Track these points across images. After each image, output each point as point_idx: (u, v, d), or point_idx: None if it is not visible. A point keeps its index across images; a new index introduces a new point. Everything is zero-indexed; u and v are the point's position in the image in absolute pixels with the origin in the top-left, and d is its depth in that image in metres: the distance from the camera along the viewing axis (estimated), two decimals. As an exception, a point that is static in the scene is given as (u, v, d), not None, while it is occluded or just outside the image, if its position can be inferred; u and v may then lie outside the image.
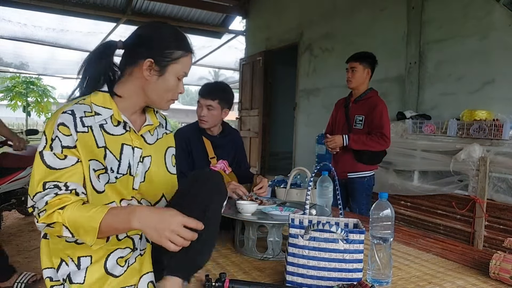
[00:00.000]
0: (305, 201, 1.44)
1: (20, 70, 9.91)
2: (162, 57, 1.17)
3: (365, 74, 2.75)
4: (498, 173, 2.75)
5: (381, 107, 2.67)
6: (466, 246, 1.95)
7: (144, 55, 1.16)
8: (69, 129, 1.08)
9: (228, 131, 2.29)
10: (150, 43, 1.18)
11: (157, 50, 1.17)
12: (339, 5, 4.98)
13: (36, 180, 1.04)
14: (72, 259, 1.12)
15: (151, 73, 1.18)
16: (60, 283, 1.13)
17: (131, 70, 1.20)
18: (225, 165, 2.17)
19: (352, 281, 1.24)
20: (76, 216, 1.01)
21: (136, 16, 6.92)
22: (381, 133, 2.63)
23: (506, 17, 3.16)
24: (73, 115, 1.10)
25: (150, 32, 1.21)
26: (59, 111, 1.12)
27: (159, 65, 1.17)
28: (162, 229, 1.00)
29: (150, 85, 1.19)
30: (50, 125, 1.09)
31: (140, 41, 1.19)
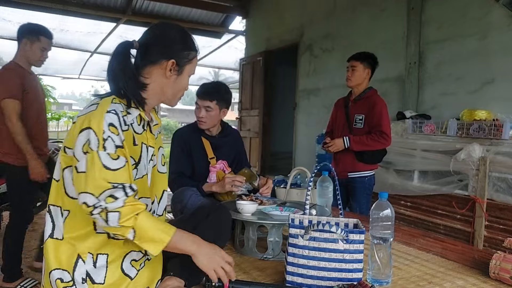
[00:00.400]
0: (305, 201, 1.45)
1: (20, 70, 9.89)
2: (182, 58, 1.25)
3: (365, 74, 2.76)
4: (498, 172, 2.76)
5: (380, 105, 2.68)
6: (466, 246, 1.95)
7: (167, 55, 1.22)
8: (117, 129, 1.10)
9: (228, 131, 2.28)
10: (173, 44, 1.24)
11: (179, 51, 1.25)
12: (340, 5, 4.98)
13: (99, 178, 1.04)
14: (92, 255, 1.12)
15: (171, 73, 1.24)
16: (71, 284, 1.11)
17: (151, 69, 1.23)
18: (224, 165, 2.17)
19: (352, 281, 1.24)
20: (148, 225, 1.08)
21: (136, 16, 6.92)
22: (380, 131, 2.64)
23: (506, 17, 3.16)
24: (117, 114, 1.12)
25: (170, 33, 1.26)
26: (103, 109, 1.10)
27: (179, 65, 1.25)
28: (213, 260, 1.15)
29: (169, 84, 1.25)
30: (96, 123, 1.07)
31: (161, 42, 1.24)
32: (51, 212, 1.16)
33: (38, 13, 6.63)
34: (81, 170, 1.06)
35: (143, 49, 1.24)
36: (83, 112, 1.13)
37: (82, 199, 1.04)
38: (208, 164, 2.15)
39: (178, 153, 2.14)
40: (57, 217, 1.16)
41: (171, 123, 22.97)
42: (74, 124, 1.12)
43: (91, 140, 1.06)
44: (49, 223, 1.16)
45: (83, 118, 1.10)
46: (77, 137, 1.08)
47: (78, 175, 1.06)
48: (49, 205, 1.18)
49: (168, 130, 20.10)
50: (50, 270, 1.12)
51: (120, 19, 6.92)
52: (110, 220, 1.04)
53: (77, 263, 1.12)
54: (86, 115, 1.10)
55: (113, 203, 1.04)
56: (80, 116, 1.12)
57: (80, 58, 8.86)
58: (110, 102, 1.14)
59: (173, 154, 2.16)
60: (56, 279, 1.11)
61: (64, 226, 1.14)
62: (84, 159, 1.06)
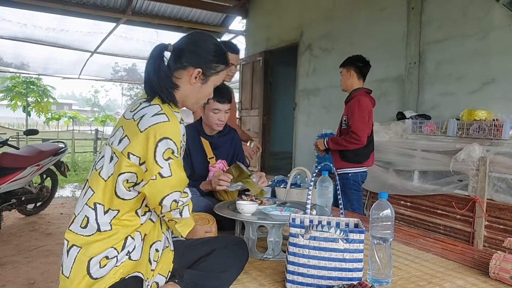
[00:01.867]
0: (306, 201, 1.45)
1: (20, 70, 9.91)
2: (209, 69, 1.33)
3: (349, 75, 2.97)
4: (498, 173, 2.75)
5: (353, 107, 2.88)
6: (466, 246, 1.95)
7: (196, 63, 1.30)
8: (185, 137, 1.27)
9: (226, 131, 2.29)
10: (203, 54, 1.32)
11: (207, 62, 1.32)
12: (339, 5, 4.98)
13: (179, 179, 1.21)
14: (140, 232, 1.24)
15: (196, 80, 1.32)
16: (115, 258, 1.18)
17: (180, 74, 1.31)
18: (224, 165, 2.17)
19: (352, 280, 1.24)
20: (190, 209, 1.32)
21: (136, 16, 6.93)
22: (351, 132, 2.86)
23: (506, 17, 3.16)
24: (182, 123, 1.25)
25: (204, 42, 1.34)
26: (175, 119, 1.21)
27: (205, 75, 1.33)
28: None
29: (193, 90, 1.33)
30: (174, 134, 1.19)
31: (194, 49, 1.31)
32: (96, 209, 1.20)
33: (38, 13, 6.64)
34: (167, 175, 1.18)
35: (176, 52, 1.31)
36: (150, 122, 1.18)
37: (172, 198, 1.20)
38: (207, 164, 2.16)
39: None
40: (101, 214, 1.20)
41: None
42: (144, 133, 1.17)
43: (172, 148, 1.19)
44: (93, 219, 1.19)
45: (155, 128, 1.17)
46: (155, 147, 1.16)
47: (165, 180, 1.18)
48: (95, 203, 1.20)
49: (168, 130, 20.07)
50: (97, 254, 1.17)
51: (120, 19, 6.93)
52: (184, 212, 1.28)
53: (126, 240, 1.21)
54: (159, 125, 1.18)
55: (186, 198, 1.28)
56: (152, 126, 1.17)
57: (80, 58, 8.87)
58: (172, 111, 1.24)
59: None
60: (102, 258, 1.17)
61: (113, 220, 1.20)
62: (167, 164, 1.18)
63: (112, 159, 1.21)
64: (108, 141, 1.26)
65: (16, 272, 2.93)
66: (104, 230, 1.19)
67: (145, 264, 1.24)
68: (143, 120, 1.19)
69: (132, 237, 1.22)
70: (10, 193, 4.02)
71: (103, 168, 1.22)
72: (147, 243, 1.25)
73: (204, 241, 1.45)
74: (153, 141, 1.16)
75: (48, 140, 7.10)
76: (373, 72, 3.08)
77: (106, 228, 1.19)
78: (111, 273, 1.17)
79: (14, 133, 11.13)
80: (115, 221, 1.20)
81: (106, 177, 1.21)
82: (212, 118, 2.13)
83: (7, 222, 4.29)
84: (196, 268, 1.32)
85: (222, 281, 1.32)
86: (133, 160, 1.17)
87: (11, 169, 3.82)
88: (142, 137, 1.17)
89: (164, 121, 1.19)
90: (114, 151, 1.21)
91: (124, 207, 1.21)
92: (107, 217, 1.20)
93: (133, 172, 1.18)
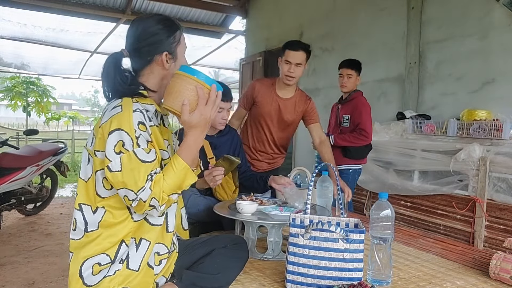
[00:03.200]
0: (306, 201, 1.44)
1: (20, 70, 9.91)
2: (170, 45, 1.29)
3: (357, 81, 3.13)
4: (498, 173, 2.75)
5: (360, 106, 3.02)
6: (466, 246, 1.95)
7: (158, 50, 1.27)
8: (145, 126, 1.18)
9: (226, 131, 2.28)
10: (157, 38, 1.27)
11: (165, 41, 1.28)
12: (339, 5, 4.98)
13: (141, 176, 1.11)
14: (134, 239, 1.20)
15: (169, 63, 1.29)
16: (109, 265, 1.16)
17: (150, 68, 1.29)
18: (224, 165, 2.17)
19: (352, 280, 1.24)
20: (170, 183, 1.15)
21: (136, 16, 6.90)
22: (360, 129, 2.97)
23: (506, 17, 3.16)
24: (142, 112, 1.19)
25: (149, 27, 1.28)
26: (129, 109, 1.16)
27: (171, 52, 1.29)
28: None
29: (170, 72, 1.30)
30: (126, 124, 1.13)
31: (146, 41, 1.27)
32: (83, 210, 1.20)
33: (38, 13, 6.63)
34: (115, 170, 1.11)
35: (133, 53, 1.29)
36: (108, 116, 1.17)
37: (123, 194, 1.13)
38: (207, 164, 2.15)
39: None
40: (89, 215, 1.19)
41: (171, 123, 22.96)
42: (101, 127, 1.16)
43: (124, 140, 1.12)
44: (81, 220, 1.19)
45: (110, 120, 1.15)
46: (107, 139, 1.13)
47: (113, 174, 1.11)
48: (80, 203, 1.21)
49: (168, 130, 20.08)
50: (87, 258, 1.16)
51: (120, 19, 6.92)
52: (156, 206, 1.13)
53: (120, 246, 1.18)
54: (113, 117, 1.15)
55: (145, 194, 1.11)
56: (107, 120, 1.16)
57: (80, 58, 8.87)
58: (132, 102, 1.19)
59: None
60: (94, 264, 1.16)
61: (102, 221, 1.18)
62: (118, 158, 1.12)
63: (89, 160, 1.22)
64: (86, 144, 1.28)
65: (15, 273, 2.92)
66: (91, 230, 1.18)
67: (147, 277, 1.21)
68: (104, 115, 1.20)
69: (127, 244, 1.19)
70: (10, 193, 4.02)
71: (81, 171, 1.24)
72: (149, 252, 1.21)
73: (204, 241, 1.44)
74: (106, 133, 1.14)
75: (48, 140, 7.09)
76: (373, 72, 3.09)
77: (93, 228, 1.18)
78: (105, 282, 1.15)
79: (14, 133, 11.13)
80: (104, 221, 1.18)
81: (86, 178, 1.22)
82: (216, 117, 2.13)
83: (7, 222, 4.29)
84: (195, 269, 1.31)
85: (221, 282, 1.31)
86: (99, 156, 1.17)
87: (11, 169, 3.82)
88: (100, 133, 1.17)
89: (117, 112, 1.16)
90: (89, 152, 1.22)
91: (110, 204, 1.19)
92: (96, 217, 1.19)
93: (103, 168, 1.16)
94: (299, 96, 2.66)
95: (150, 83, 1.29)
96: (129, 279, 1.17)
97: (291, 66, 2.45)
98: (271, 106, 2.60)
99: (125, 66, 1.30)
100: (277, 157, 2.81)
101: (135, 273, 1.18)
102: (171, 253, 1.30)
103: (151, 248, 1.21)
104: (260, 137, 2.70)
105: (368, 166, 3.44)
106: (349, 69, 3.08)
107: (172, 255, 1.31)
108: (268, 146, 2.72)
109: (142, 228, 1.22)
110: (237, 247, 1.42)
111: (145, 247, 1.20)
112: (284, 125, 2.67)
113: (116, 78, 1.24)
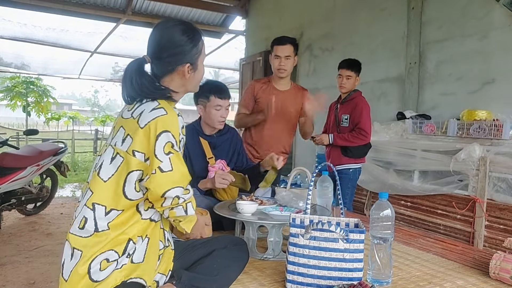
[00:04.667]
0: (306, 201, 1.45)
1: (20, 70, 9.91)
2: (193, 56, 1.32)
3: (356, 81, 3.09)
4: (498, 173, 2.75)
5: (360, 106, 3.00)
6: (466, 246, 1.95)
7: (180, 62, 1.30)
8: (184, 130, 1.26)
9: (226, 130, 2.28)
10: (181, 49, 1.29)
11: (189, 52, 1.31)
12: (339, 5, 4.98)
13: (181, 174, 1.18)
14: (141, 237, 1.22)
15: (189, 73, 1.33)
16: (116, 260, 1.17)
17: (171, 77, 1.31)
18: (223, 165, 2.16)
19: (352, 280, 1.24)
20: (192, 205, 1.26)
21: (136, 16, 6.92)
22: (359, 128, 2.96)
23: (506, 17, 3.16)
24: (181, 116, 1.25)
25: (174, 36, 1.29)
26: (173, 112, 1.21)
27: (193, 63, 1.32)
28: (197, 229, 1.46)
29: (189, 81, 1.34)
30: (173, 126, 1.19)
31: (171, 50, 1.28)
32: (95, 210, 1.18)
33: (38, 13, 6.63)
34: (167, 170, 1.15)
35: (156, 62, 1.31)
36: (150, 117, 1.18)
37: (174, 194, 1.16)
38: (206, 164, 2.15)
39: None
40: (101, 215, 1.18)
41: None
42: (144, 129, 1.17)
43: (172, 142, 1.18)
44: (91, 220, 1.18)
45: (155, 122, 1.17)
46: (156, 141, 1.16)
47: (165, 174, 1.15)
48: (94, 203, 1.19)
49: (168, 130, 20.04)
50: (97, 255, 1.15)
51: (120, 19, 6.93)
52: (189, 210, 1.23)
53: (128, 243, 1.19)
54: (158, 119, 1.18)
55: (188, 194, 1.22)
56: (151, 121, 1.17)
57: (80, 58, 8.87)
58: (171, 105, 1.24)
59: None
60: (103, 260, 1.16)
61: (112, 222, 1.18)
62: (168, 159, 1.16)
63: (113, 160, 1.21)
64: (109, 143, 1.25)
65: (16, 272, 2.92)
66: (102, 231, 1.17)
67: (149, 267, 1.22)
68: (142, 116, 1.20)
69: (134, 242, 1.20)
70: (10, 193, 4.02)
71: (102, 170, 1.21)
72: (150, 246, 1.23)
73: (204, 242, 1.44)
74: (154, 134, 1.16)
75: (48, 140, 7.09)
76: (373, 72, 3.09)
77: (104, 228, 1.17)
78: (112, 276, 1.16)
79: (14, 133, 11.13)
80: (115, 221, 1.18)
81: (105, 178, 1.20)
82: (215, 116, 2.13)
83: (7, 222, 4.29)
84: (194, 269, 1.31)
85: (220, 283, 1.32)
86: (139, 157, 1.17)
87: (11, 169, 3.82)
88: (142, 133, 1.17)
89: (162, 114, 1.19)
90: (118, 151, 1.21)
91: (129, 207, 1.20)
92: (108, 218, 1.18)
93: (141, 170, 1.18)
94: (296, 88, 2.87)
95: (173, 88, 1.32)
96: (136, 271, 1.19)
97: (281, 60, 2.70)
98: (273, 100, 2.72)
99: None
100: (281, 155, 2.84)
101: (140, 264, 1.20)
102: (166, 248, 1.31)
103: (152, 243, 1.24)
104: (264, 134, 2.77)
105: (368, 166, 3.44)
106: (348, 70, 3.05)
107: (166, 251, 1.31)
108: (273, 142, 2.78)
109: (148, 226, 1.24)
110: (237, 248, 1.43)
111: (146, 241, 1.23)
112: (287, 117, 2.79)
113: (143, 82, 1.24)
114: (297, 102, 2.77)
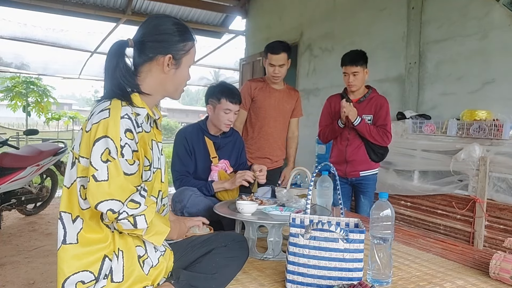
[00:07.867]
0: (306, 201, 1.44)
1: (20, 70, 9.91)
2: (178, 51, 1.24)
3: (365, 74, 2.75)
4: (498, 173, 2.75)
5: (386, 106, 2.76)
6: (466, 246, 1.95)
7: (162, 51, 1.22)
8: (132, 133, 1.12)
9: (230, 132, 2.31)
10: (166, 38, 1.23)
11: (174, 45, 1.23)
12: (339, 5, 4.98)
13: (118, 186, 1.06)
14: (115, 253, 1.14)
15: (169, 67, 1.24)
16: (94, 283, 1.11)
17: (150, 66, 1.24)
18: (226, 165, 2.18)
19: (352, 280, 1.24)
20: (155, 221, 1.15)
21: (136, 16, 6.92)
22: (385, 129, 2.72)
23: (506, 17, 3.16)
24: (130, 118, 1.13)
25: (164, 26, 1.25)
26: (116, 114, 1.10)
27: (176, 58, 1.24)
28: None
29: (168, 78, 1.26)
30: (112, 130, 1.07)
31: (156, 37, 1.23)
32: (62, 219, 1.14)
33: (38, 13, 6.63)
34: (102, 179, 1.05)
35: (138, 46, 1.24)
36: (95, 120, 1.10)
37: (107, 207, 1.04)
38: (210, 163, 2.17)
39: (183, 152, 2.16)
40: (69, 224, 1.14)
41: (171, 123, 22.96)
42: (88, 133, 1.09)
43: (110, 148, 1.06)
44: (61, 229, 1.14)
45: (96, 126, 1.08)
46: (93, 146, 1.07)
47: (98, 184, 1.04)
48: (61, 212, 1.15)
49: (168, 130, 20.09)
50: (69, 275, 1.10)
51: (120, 19, 6.93)
52: (139, 223, 1.08)
53: (104, 261, 1.12)
54: (100, 122, 1.09)
55: (137, 208, 1.08)
56: (94, 124, 1.09)
57: (80, 58, 8.87)
58: (120, 106, 1.13)
59: (177, 153, 2.17)
60: (77, 282, 1.10)
61: (81, 232, 1.13)
62: (105, 167, 1.05)
63: (73, 165, 1.15)
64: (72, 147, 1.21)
65: (16, 272, 2.92)
66: (69, 243, 1.11)
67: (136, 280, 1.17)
68: (92, 117, 1.13)
69: (110, 259, 1.13)
70: (10, 193, 4.02)
71: (65, 176, 1.18)
72: (127, 259, 1.15)
73: (204, 240, 1.44)
74: (93, 139, 1.07)
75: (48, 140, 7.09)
76: (373, 72, 3.07)
77: (72, 240, 1.11)
78: None
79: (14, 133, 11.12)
80: (83, 232, 1.12)
81: (68, 184, 1.16)
82: (223, 118, 2.15)
83: (7, 222, 4.29)
84: (192, 268, 1.30)
85: (219, 281, 1.31)
86: (83, 163, 1.10)
87: (11, 169, 3.82)
88: (86, 137, 1.10)
89: (104, 118, 1.09)
90: (75, 155, 1.15)
91: (92, 215, 1.13)
92: (75, 227, 1.13)
93: (85, 176, 1.10)
94: (288, 88, 3.00)
95: (146, 84, 1.24)
96: None
97: (275, 68, 2.74)
98: (270, 98, 2.84)
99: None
100: (279, 153, 2.94)
101: (121, 283, 1.13)
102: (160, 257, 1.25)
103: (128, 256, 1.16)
104: (262, 132, 2.85)
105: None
106: (353, 66, 2.66)
107: (165, 254, 1.27)
108: (272, 139, 2.86)
109: (119, 237, 1.16)
110: (237, 246, 1.42)
111: (121, 256, 1.15)
112: (284, 114, 2.91)
113: (119, 66, 1.18)
114: (291, 101, 2.94)
